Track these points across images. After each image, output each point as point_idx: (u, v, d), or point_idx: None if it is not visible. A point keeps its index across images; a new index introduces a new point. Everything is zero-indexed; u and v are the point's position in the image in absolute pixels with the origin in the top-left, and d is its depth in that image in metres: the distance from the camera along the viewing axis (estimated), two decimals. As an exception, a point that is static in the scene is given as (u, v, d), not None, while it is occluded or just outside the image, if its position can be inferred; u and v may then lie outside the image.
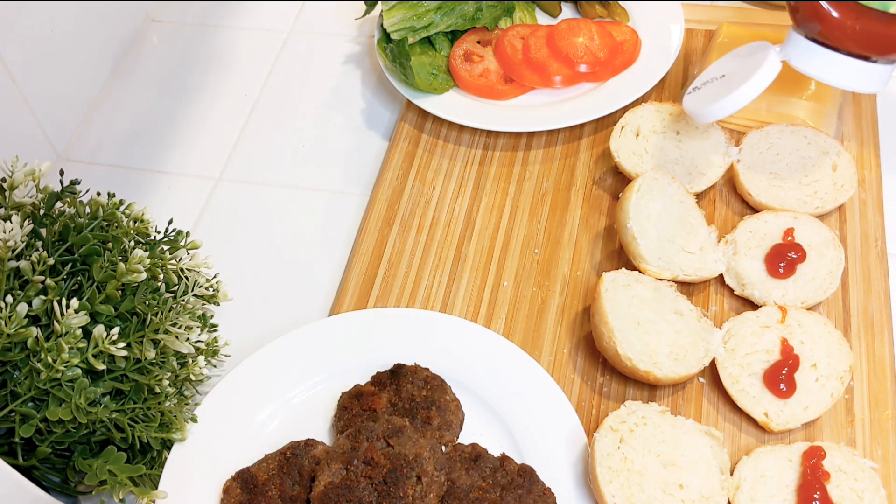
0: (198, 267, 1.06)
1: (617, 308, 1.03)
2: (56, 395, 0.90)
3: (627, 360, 1.00)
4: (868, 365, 1.05)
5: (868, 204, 1.18)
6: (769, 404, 1.00)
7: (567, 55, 1.32)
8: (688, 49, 1.39)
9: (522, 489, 0.94)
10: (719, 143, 1.21)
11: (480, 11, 1.36)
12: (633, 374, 1.02)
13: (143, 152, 1.42)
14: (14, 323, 0.89)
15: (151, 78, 1.53)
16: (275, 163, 1.38)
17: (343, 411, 1.02)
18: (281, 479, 0.97)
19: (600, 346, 1.04)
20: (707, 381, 1.05)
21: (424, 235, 1.23)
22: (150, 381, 0.95)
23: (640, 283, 1.07)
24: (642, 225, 1.10)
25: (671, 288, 1.08)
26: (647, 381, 1.01)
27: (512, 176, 1.28)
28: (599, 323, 1.03)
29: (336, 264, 1.24)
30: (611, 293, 1.04)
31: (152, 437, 0.96)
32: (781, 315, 1.05)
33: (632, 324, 1.03)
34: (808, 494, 0.92)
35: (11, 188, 0.99)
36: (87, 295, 0.94)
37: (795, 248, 1.09)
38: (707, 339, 1.04)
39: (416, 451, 0.92)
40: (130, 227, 1.03)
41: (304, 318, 1.18)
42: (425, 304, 1.16)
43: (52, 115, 1.39)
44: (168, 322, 0.96)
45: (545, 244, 1.20)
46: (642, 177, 1.12)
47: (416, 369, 1.04)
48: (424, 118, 1.36)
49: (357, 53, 1.52)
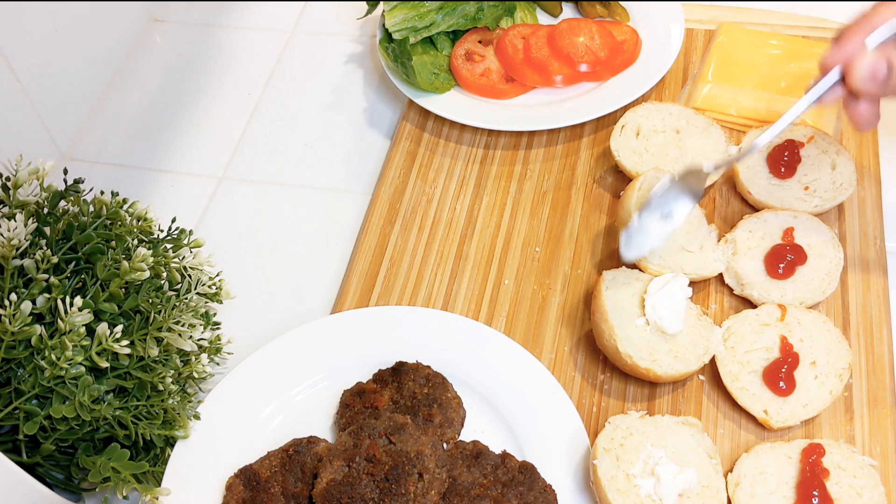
0: (201, 265, 1.06)
1: (617, 306, 1.04)
2: (60, 392, 0.90)
3: (628, 357, 1.00)
4: (867, 362, 1.05)
5: (867, 202, 1.18)
6: (769, 402, 1.00)
7: (568, 55, 1.32)
8: (688, 49, 1.40)
9: (523, 486, 0.94)
10: (719, 142, 1.21)
11: (482, 11, 1.36)
12: (633, 372, 1.02)
13: (146, 151, 1.42)
14: (18, 321, 0.89)
15: (154, 77, 1.53)
16: (277, 162, 1.39)
17: (345, 409, 1.03)
18: (283, 476, 0.97)
19: (601, 343, 1.05)
20: (707, 379, 1.06)
21: (426, 234, 1.24)
22: (153, 378, 0.95)
23: (640, 281, 1.08)
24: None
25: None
26: (648, 378, 1.02)
27: (513, 175, 1.29)
28: (600, 321, 1.03)
29: (338, 262, 1.25)
30: (611, 291, 1.05)
31: (155, 434, 0.97)
32: (781, 313, 1.05)
33: (632, 322, 1.04)
34: (808, 491, 0.92)
35: (15, 187, 1.00)
36: (91, 293, 0.94)
37: (795, 249, 1.09)
38: (707, 336, 1.05)
39: (417, 448, 0.93)
40: (134, 226, 1.04)
41: (307, 316, 1.18)
42: (427, 302, 1.17)
43: (55, 114, 1.40)
44: (171, 320, 0.96)
45: (546, 243, 1.21)
46: (643, 175, 1.12)
47: (417, 367, 1.04)
48: (426, 117, 1.37)
49: (359, 53, 1.53)
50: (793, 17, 1.40)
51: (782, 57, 1.31)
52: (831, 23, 1.38)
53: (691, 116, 1.23)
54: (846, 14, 1.41)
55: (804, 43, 1.33)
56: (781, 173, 1.17)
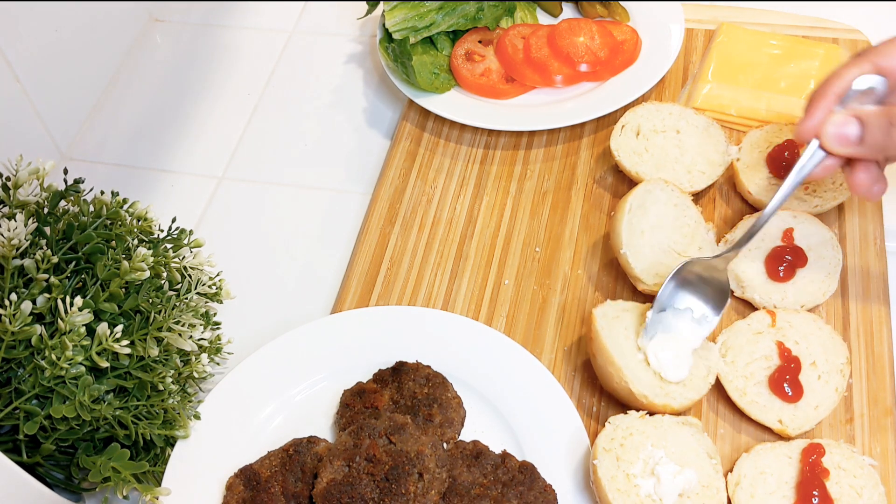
0: (201, 265, 1.06)
1: (618, 346, 1.01)
2: (60, 392, 0.90)
3: (643, 398, 0.97)
4: (867, 362, 1.05)
5: (867, 202, 1.18)
6: (781, 411, 1.00)
7: (568, 54, 1.32)
8: (688, 49, 1.40)
9: (523, 486, 0.94)
10: (719, 142, 1.21)
11: (482, 11, 1.36)
12: (649, 409, 0.99)
13: (146, 151, 1.42)
14: (18, 321, 0.89)
15: (155, 77, 1.53)
16: (277, 161, 1.39)
17: (345, 408, 1.03)
18: (283, 476, 0.97)
19: (609, 387, 1.01)
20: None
21: (426, 234, 1.24)
22: (153, 378, 0.95)
23: (628, 311, 1.05)
24: (636, 244, 1.09)
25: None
26: (665, 412, 0.98)
27: (513, 175, 1.29)
28: (605, 364, 1.00)
29: (338, 262, 1.25)
30: (607, 330, 1.01)
31: (156, 434, 0.97)
32: (771, 319, 1.05)
33: (633, 357, 1.01)
34: (808, 491, 0.92)
35: (16, 187, 1.00)
36: (91, 293, 0.94)
37: (795, 251, 1.09)
38: (705, 356, 1.02)
39: (417, 448, 0.93)
40: (134, 226, 1.04)
41: (307, 316, 1.18)
42: (427, 302, 1.17)
43: (56, 114, 1.40)
44: (171, 320, 0.96)
45: (546, 243, 1.21)
46: (633, 194, 1.11)
47: (417, 367, 1.04)
48: (426, 117, 1.37)
49: (359, 53, 1.53)
50: (793, 17, 1.40)
51: (782, 57, 1.31)
52: (831, 23, 1.38)
53: (691, 116, 1.23)
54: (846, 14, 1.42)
55: (804, 43, 1.33)
56: (781, 173, 1.17)
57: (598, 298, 1.14)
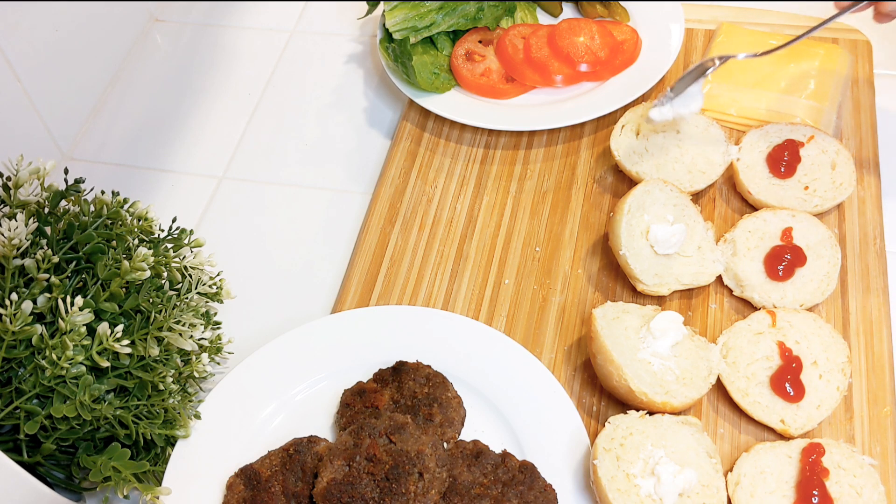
0: (201, 265, 1.06)
1: (617, 345, 1.01)
2: (61, 391, 0.90)
3: (643, 395, 0.97)
4: (867, 362, 1.05)
5: (867, 202, 1.18)
6: (783, 411, 1.00)
7: (568, 54, 1.32)
8: (688, 49, 1.40)
9: (524, 485, 0.94)
10: (719, 141, 1.21)
11: (482, 11, 1.36)
12: (649, 407, 0.99)
13: (146, 151, 1.42)
14: (19, 320, 0.89)
15: (155, 77, 1.53)
16: (278, 161, 1.39)
17: (345, 408, 1.03)
18: (284, 476, 0.98)
19: (609, 386, 1.02)
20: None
21: (426, 234, 1.24)
22: (153, 378, 0.95)
23: (628, 312, 1.05)
24: (635, 246, 1.10)
25: (656, 311, 1.06)
26: (665, 411, 0.99)
27: (513, 175, 1.29)
28: (605, 363, 1.00)
29: (338, 262, 1.25)
30: (607, 330, 1.02)
31: (156, 433, 0.97)
32: (771, 319, 1.05)
33: (634, 357, 1.02)
34: (808, 491, 0.92)
35: (16, 187, 1.00)
36: (92, 293, 0.94)
37: (794, 250, 1.09)
38: (706, 357, 1.03)
39: (417, 447, 0.93)
40: (134, 226, 1.04)
41: (307, 316, 1.18)
42: (427, 301, 1.17)
43: (56, 114, 1.40)
44: (172, 319, 0.97)
45: (546, 242, 1.21)
46: (631, 195, 1.11)
47: (418, 366, 1.04)
48: (426, 117, 1.37)
49: (359, 53, 1.53)
50: (793, 17, 1.41)
51: (782, 57, 1.31)
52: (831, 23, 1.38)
53: (691, 116, 1.23)
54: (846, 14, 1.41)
55: (804, 43, 1.33)
56: (781, 173, 1.17)
57: (598, 298, 1.14)
